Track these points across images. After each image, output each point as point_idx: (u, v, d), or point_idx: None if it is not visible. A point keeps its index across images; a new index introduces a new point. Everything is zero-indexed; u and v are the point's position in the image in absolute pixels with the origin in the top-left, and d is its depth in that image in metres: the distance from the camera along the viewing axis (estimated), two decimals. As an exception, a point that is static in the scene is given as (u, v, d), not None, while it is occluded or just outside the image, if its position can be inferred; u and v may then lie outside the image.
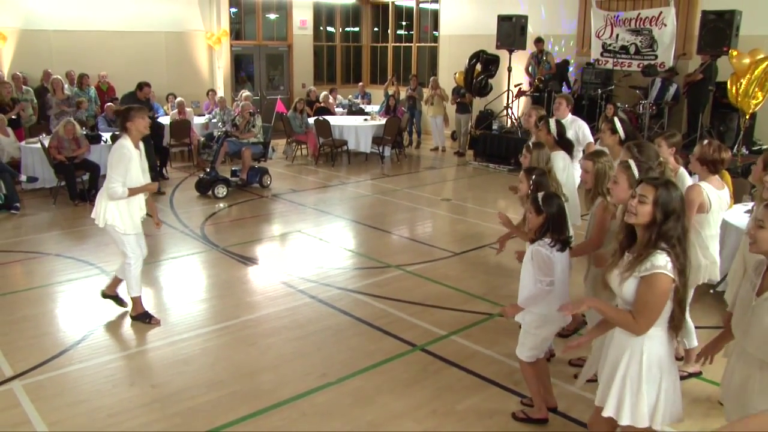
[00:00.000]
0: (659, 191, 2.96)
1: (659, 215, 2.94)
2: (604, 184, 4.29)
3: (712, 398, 4.57)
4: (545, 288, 3.90)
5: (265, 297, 6.50)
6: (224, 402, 4.55)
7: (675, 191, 2.98)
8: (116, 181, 5.34)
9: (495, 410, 4.50)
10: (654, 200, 2.95)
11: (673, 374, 3.10)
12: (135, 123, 5.43)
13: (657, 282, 2.89)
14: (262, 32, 18.00)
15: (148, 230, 8.63)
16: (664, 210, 2.94)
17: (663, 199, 2.95)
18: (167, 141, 12.54)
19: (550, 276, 3.88)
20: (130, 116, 5.42)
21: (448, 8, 17.21)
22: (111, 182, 5.36)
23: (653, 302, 2.92)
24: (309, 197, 10.75)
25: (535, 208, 3.93)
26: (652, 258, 2.91)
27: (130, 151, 5.41)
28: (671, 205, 2.94)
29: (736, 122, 11.38)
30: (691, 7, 12.52)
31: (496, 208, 9.95)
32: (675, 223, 2.94)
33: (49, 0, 14.01)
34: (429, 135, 16.77)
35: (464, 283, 6.88)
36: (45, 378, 4.85)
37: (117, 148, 5.43)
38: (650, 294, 2.91)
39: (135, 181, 5.46)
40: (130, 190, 5.41)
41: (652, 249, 2.94)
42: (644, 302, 2.94)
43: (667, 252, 2.91)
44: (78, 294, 6.47)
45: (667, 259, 2.89)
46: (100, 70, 14.23)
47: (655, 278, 2.89)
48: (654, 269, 2.89)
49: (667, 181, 3.06)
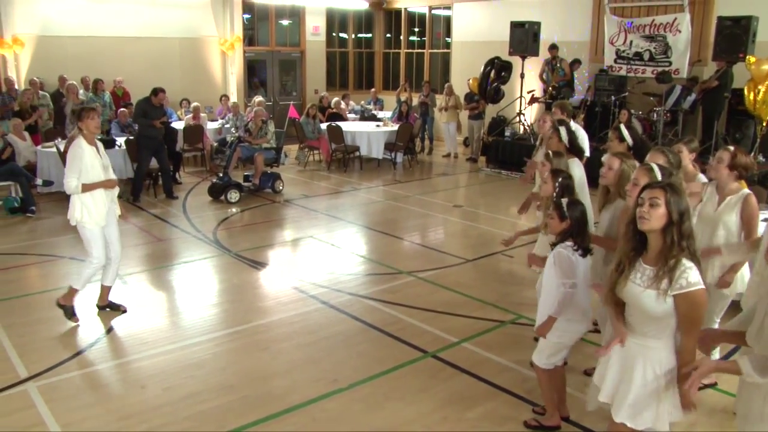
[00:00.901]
0: (668, 192, 2.94)
1: (675, 215, 2.91)
2: (624, 188, 4.27)
3: (727, 409, 4.53)
4: (568, 291, 3.88)
5: (276, 302, 6.51)
6: (235, 406, 4.55)
7: (681, 191, 2.97)
8: (70, 177, 5.62)
9: (506, 418, 4.48)
10: (666, 201, 2.93)
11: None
12: (86, 123, 5.70)
13: (699, 298, 2.88)
14: (275, 38, 18.08)
15: (160, 234, 8.72)
16: (678, 209, 2.92)
17: (675, 199, 2.93)
18: (180, 146, 12.60)
19: (572, 278, 3.87)
20: (82, 117, 5.71)
21: (461, 14, 17.22)
22: (66, 178, 5.67)
23: (700, 317, 2.93)
24: (321, 203, 10.77)
25: (560, 214, 3.91)
26: (685, 275, 2.86)
27: (82, 149, 5.65)
28: (682, 204, 2.93)
29: (752, 129, 11.29)
30: (706, 13, 12.44)
31: (509, 215, 9.94)
32: (689, 222, 2.93)
33: (66, 7, 14.14)
34: (441, 141, 16.76)
35: (476, 290, 6.86)
36: (59, 380, 4.89)
37: (72, 147, 5.70)
38: (696, 311, 2.90)
39: (93, 177, 5.71)
40: (85, 185, 5.64)
41: (677, 252, 2.90)
42: (692, 320, 2.92)
43: (695, 263, 2.89)
44: (91, 297, 6.50)
45: (698, 272, 2.87)
46: (115, 75, 14.34)
47: (697, 294, 2.87)
48: (691, 287, 2.85)
49: (670, 183, 3.05)
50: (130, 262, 7.59)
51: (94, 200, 5.74)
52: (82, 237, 5.86)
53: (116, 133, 12.18)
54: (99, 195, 5.77)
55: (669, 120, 11.93)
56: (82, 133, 5.71)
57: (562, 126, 5.86)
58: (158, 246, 8.30)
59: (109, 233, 5.95)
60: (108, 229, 5.92)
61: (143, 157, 10.48)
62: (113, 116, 13.10)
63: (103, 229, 5.87)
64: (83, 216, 5.72)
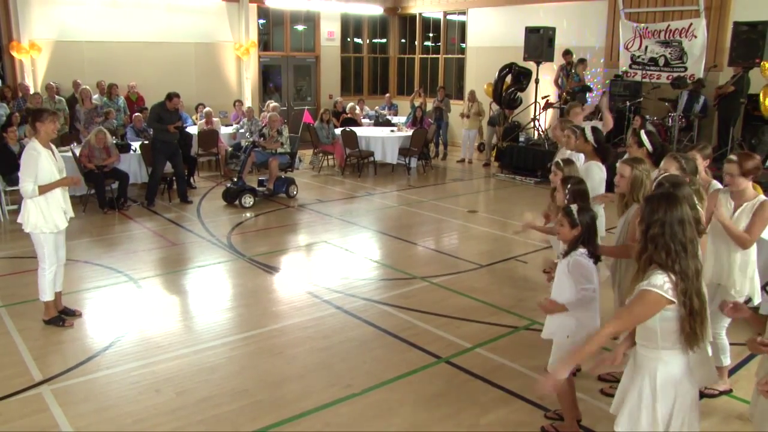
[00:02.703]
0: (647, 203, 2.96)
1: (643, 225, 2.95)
2: (639, 193, 4.24)
3: (743, 416, 4.48)
4: (590, 295, 3.90)
5: (290, 307, 6.51)
6: (248, 411, 4.55)
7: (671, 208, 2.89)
8: (26, 181, 5.53)
9: (520, 424, 4.45)
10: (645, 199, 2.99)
11: (691, 392, 3.05)
12: (44, 125, 5.60)
13: (648, 299, 2.88)
14: (290, 43, 18.14)
15: (174, 239, 8.75)
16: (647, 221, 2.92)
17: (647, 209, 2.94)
18: (195, 150, 12.67)
19: (593, 283, 3.87)
20: (40, 117, 5.60)
21: (476, 20, 17.21)
22: (21, 182, 5.55)
23: (636, 312, 2.93)
24: (335, 208, 10.78)
25: (570, 221, 3.90)
26: (651, 276, 2.89)
27: (38, 151, 5.58)
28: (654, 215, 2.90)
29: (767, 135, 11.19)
30: (722, 19, 12.35)
31: (523, 221, 9.89)
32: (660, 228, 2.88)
33: (83, 12, 14.26)
34: (456, 147, 16.75)
35: (490, 295, 6.83)
36: (73, 383, 4.91)
37: (26, 150, 5.64)
38: (639, 308, 2.92)
39: (48, 179, 5.63)
40: (42, 187, 5.56)
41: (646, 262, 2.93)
42: (629, 309, 2.96)
43: (666, 273, 2.87)
44: (106, 301, 6.54)
45: (665, 280, 2.86)
46: (131, 80, 14.45)
47: (648, 295, 2.87)
48: (648, 286, 2.87)
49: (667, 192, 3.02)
50: (144, 266, 7.63)
51: (48, 204, 5.66)
52: (35, 242, 5.79)
53: (131, 137, 12.28)
54: (53, 199, 5.70)
55: (684, 125, 11.85)
56: (38, 135, 5.62)
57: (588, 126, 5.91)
58: (172, 250, 8.33)
59: (59, 237, 5.92)
60: (59, 234, 5.88)
61: (158, 162, 10.54)
62: (128, 121, 13.19)
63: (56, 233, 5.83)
64: (38, 221, 5.64)
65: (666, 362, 2.98)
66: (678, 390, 2.99)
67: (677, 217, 2.89)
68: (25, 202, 5.68)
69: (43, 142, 5.65)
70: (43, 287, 5.86)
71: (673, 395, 2.99)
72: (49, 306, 5.94)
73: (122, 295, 6.73)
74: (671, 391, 2.99)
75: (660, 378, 2.99)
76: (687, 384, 3.02)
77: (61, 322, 5.92)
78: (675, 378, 2.99)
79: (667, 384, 2.99)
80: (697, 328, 2.90)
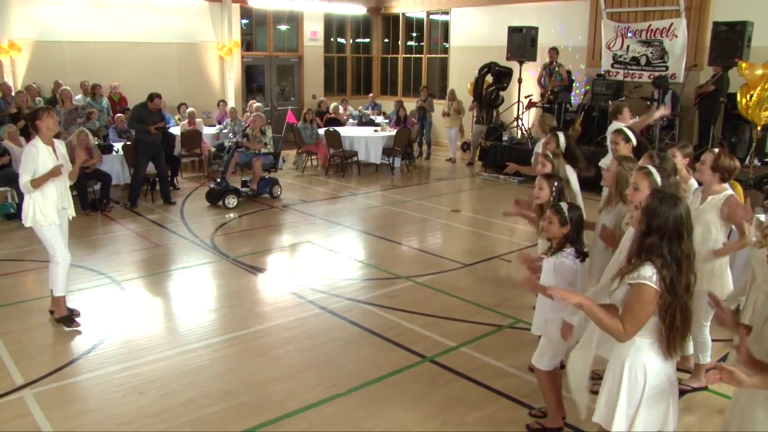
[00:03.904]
0: (650, 201, 2.95)
1: (643, 225, 2.93)
2: (623, 189, 4.28)
3: (724, 412, 4.52)
4: None
5: (274, 307, 6.50)
6: (233, 412, 4.54)
7: (669, 208, 2.89)
8: (23, 176, 5.57)
9: (505, 422, 4.48)
10: (642, 209, 2.95)
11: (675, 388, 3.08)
12: (45, 121, 5.63)
13: (641, 291, 2.88)
14: (273, 43, 18.09)
15: (158, 240, 8.70)
16: (647, 221, 2.91)
17: (649, 209, 2.92)
18: (178, 151, 12.60)
19: (573, 287, 3.88)
20: (39, 115, 5.65)
21: (459, 20, 17.25)
22: (20, 178, 5.59)
23: (637, 310, 2.91)
24: (319, 208, 10.77)
25: (560, 219, 3.91)
26: (640, 268, 2.90)
27: (38, 148, 5.62)
28: (656, 220, 2.89)
29: (747, 134, 11.32)
30: (702, 19, 12.48)
31: (507, 219, 9.92)
32: (659, 241, 2.88)
33: (63, 11, 14.13)
34: (439, 146, 16.80)
35: (474, 294, 6.86)
36: (55, 387, 4.88)
37: (27, 147, 5.69)
38: (635, 302, 2.91)
39: None
40: (34, 180, 5.57)
41: (638, 260, 2.93)
42: (629, 309, 2.93)
43: (656, 266, 2.88)
44: (88, 303, 6.49)
45: (653, 271, 2.87)
46: (113, 80, 14.33)
47: (640, 287, 2.88)
48: (639, 279, 2.88)
49: (669, 196, 3.00)
50: (127, 268, 7.58)
51: (45, 199, 5.69)
52: (41, 238, 5.84)
53: (114, 138, 12.20)
54: (49, 193, 5.72)
55: (665, 124, 11.96)
56: (41, 132, 5.65)
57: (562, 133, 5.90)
58: (156, 252, 8.29)
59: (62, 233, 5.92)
60: (61, 229, 5.90)
61: (140, 163, 10.48)
62: (110, 122, 13.09)
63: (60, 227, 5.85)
64: (36, 215, 5.68)
65: (638, 348, 3.00)
66: (648, 375, 3.00)
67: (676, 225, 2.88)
68: (26, 198, 5.72)
69: (45, 139, 5.69)
70: (56, 282, 5.86)
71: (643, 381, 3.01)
72: (61, 303, 5.93)
73: (105, 298, 6.68)
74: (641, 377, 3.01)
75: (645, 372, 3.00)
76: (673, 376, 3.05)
77: (70, 322, 5.90)
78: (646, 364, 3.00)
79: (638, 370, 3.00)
80: (677, 342, 2.93)
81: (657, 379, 3.00)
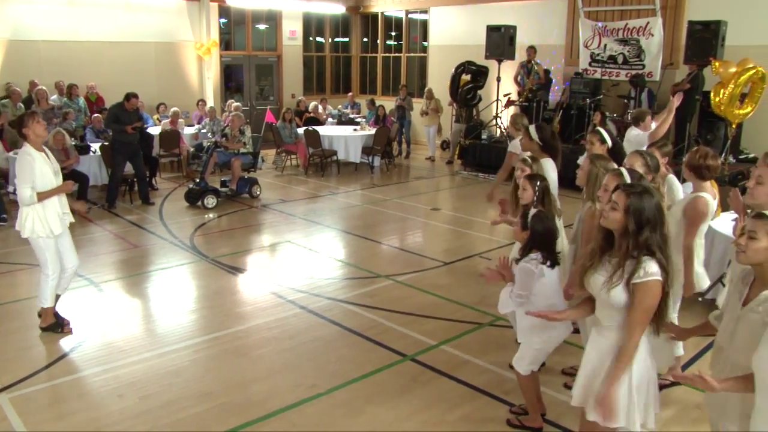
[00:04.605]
0: (631, 199, 2.97)
1: (631, 224, 2.96)
2: (594, 189, 4.30)
3: (701, 405, 4.58)
4: (517, 300, 3.96)
5: (254, 308, 6.48)
6: (214, 413, 4.52)
7: (650, 200, 2.97)
8: (23, 188, 5.37)
9: (486, 419, 4.50)
10: (625, 208, 2.97)
11: (653, 374, 3.14)
12: (32, 128, 5.46)
13: (654, 289, 2.92)
14: (252, 42, 18.01)
15: (136, 241, 8.64)
16: (636, 219, 2.95)
17: (634, 207, 2.95)
18: (157, 151, 12.51)
19: (526, 290, 3.91)
20: (25, 123, 5.47)
21: (437, 19, 17.29)
22: (19, 189, 5.40)
23: (650, 307, 2.95)
24: (299, 207, 10.75)
25: (522, 224, 3.97)
26: (644, 266, 2.92)
27: (32, 156, 5.43)
28: (644, 214, 2.94)
29: (723, 131, 11.46)
30: (677, 18, 12.63)
31: (486, 218, 9.97)
32: (651, 233, 2.94)
33: (39, 10, 13.96)
34: (419, 145, 16.83)
35: (454, 292, 6.88)
36: (32, 391, 4.82)
37: (20, 156, 5.48)
38: (648, 299, 2.94)
39: (47, 184, 5.49)
40: (41, 194, 5.42)
41: (632, 258, 2.96)
42: (644, 310, 2.95)
43: (656, 259, 2.93)
44: (67, 306, 6.41)
45: (656, 265, 2.92)
46: (89, 80, 14.20)
47: (653, 285, 2.92)
48: (648, 276, 2.91)
49: (643, 189, 3.05)
50: (105, 270, 7.52)
51: (45, 208, 5.50)
52: (35, 248, 5.64)
53: (91, 138, 12.07)
54: (50, 204, 5.54)
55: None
56: (29, 140, 5.47)
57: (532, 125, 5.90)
58: (134, 253, 8.22)
59: (62, 243, 5.74)
60: (60, 239, 5.70)
61: (117, 163, 10.39)
62: (88, 122, 12.96)
63: (57, 239, 5.66)
64: (35, 226, 5.49)
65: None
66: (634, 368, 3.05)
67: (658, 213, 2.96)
68: (22, 208, 5.51)
69: (35, 146, 5.50)
70: (44, 294, 5.69)
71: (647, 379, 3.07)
72: (47, 313, 5.79)
73: (83, 300, 6.61)
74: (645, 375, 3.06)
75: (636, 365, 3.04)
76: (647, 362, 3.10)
77: (60, 328, 5.79)
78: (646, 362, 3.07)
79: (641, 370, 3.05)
80: (665, 315, 3.01)
81: (643, 362, 3.07)
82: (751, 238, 2.68)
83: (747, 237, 2.70)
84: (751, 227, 2.70)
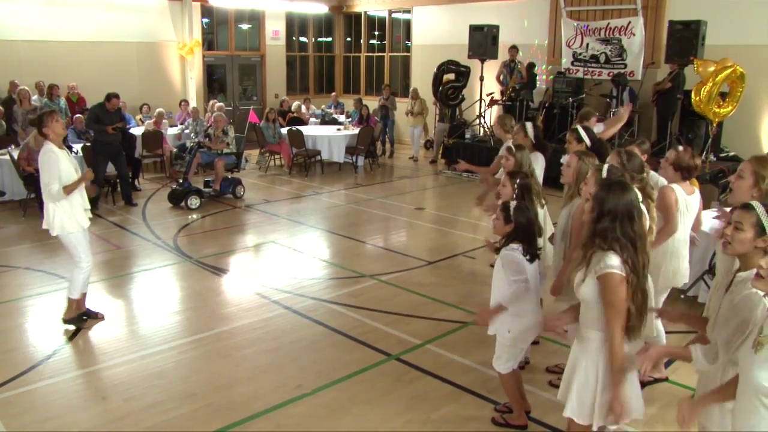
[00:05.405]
0: (597, 189, 3.03)
1: (594, 213, 3.01)
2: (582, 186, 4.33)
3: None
4: (522, 285, 3.93)
5: (239, 308, 6.46)
6: (198, 415, 4.51)
7: (618, 193, 3.00)
8: (51, 183, 5.51)
9: (470, 418, 4.52)
10: (593, 197, 3.02)
11: (633, 374, 3.13)
12: (51, 127, 5.60)
13: (613, 282, 2.94)
14: (235, 42, 17.95)
15: (119, 242, 8.58)
16: (597, 207, 3.00)
17: (597, 195, 3.01)
18: (139, 152, 12.42)
19: (523, 274, 3.91)
20: (44, 122, 5.61)
21: (421, 18, 17.32)
22: (48, 186, 5.53)
23: (615, 301, 2.96)
24: (282, 207, 10.72)
25: (505, 216, 3.97)
26: (605, 258, 2.96)
27: (56, 153, 5.58)
28: (606, 204, 2.98)
29: (704, 129, 11.57)
30: (658, 17, 12.74)
31: (470, 217, 10.03)
32: (612, 224, 2.97)
33: (19, 10, 13.82)
34: (402, 144, 16.85)
35: (438, 291, 6.90)
36: (13, 394, 4.77)
37: (44, 154, 5.59)
38: (609, 293, 2.96)
39: (70, 179, 5.63)
40: (66, 188, 5.55)
41: (594, 248, 3.00)
42: (609, 303, 2.98)
43: (618, 254, 2.95)
44: (48, 308, 6.37)
45: (618, 259, 2.94)
46: (70, 80, 14.06)
47: (609, 277, 2.94)
48: (606, 269, 2.94)
49: (616, 182, 3.09)
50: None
51: (71, 204, 5.66)
52: (67, 244, 5.77)
53: (72, 139, 11.95)
54: (75, 198, 5.69)
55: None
56: (49, 138, 5.60)
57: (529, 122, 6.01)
58: (117, 254, 8.17)
59: (85, 236, 5.90)
60: (84, 233, 5.86)
61: (99, 164, 10.30)
62: (69, 122, 12.84)
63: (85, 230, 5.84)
64: (64, 223, 5.63)
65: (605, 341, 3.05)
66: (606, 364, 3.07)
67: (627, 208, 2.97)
68: (47, 206, 5.63)
69: (56, 143, 5.63)
70: (76, 285, 5.86)
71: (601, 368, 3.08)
72: (72, 305, 5.91)
73: (66, 302, 6.55)
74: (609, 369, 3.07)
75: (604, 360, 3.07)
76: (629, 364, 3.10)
77: (81, 320, 5.91)
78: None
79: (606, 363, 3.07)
80: (635, 322, 3.00)
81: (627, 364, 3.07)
82: (737, 228, 2.71)
83: (733, 228, 2.73)
84: (738, 218, 2.73)
